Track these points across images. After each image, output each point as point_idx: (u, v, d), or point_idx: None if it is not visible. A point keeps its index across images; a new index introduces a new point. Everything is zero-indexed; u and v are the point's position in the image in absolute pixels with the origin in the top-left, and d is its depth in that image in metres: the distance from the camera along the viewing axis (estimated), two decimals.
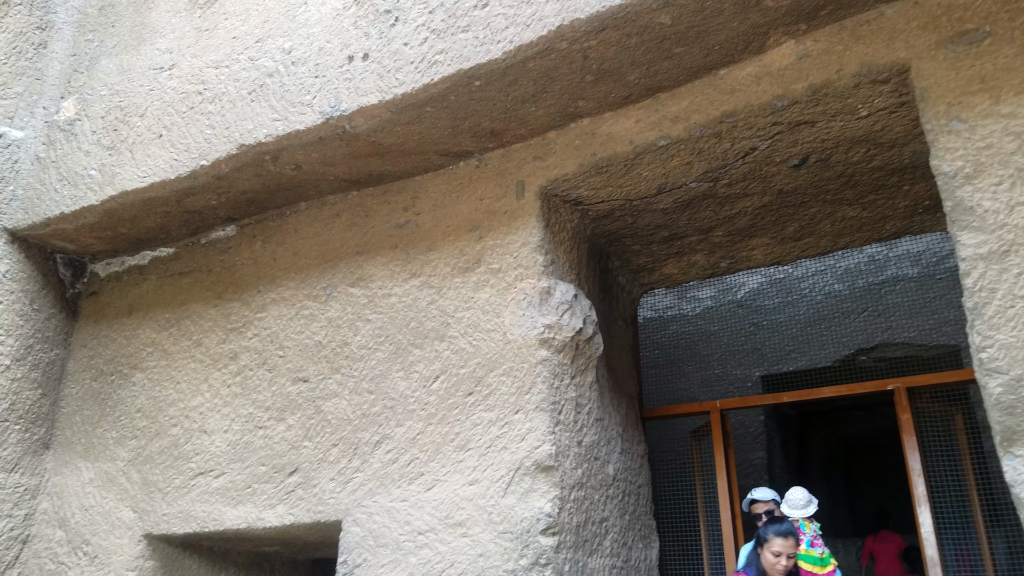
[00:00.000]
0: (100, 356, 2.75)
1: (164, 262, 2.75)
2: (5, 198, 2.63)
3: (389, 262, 2.34)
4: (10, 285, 2.63)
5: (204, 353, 2.55)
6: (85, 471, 2.65)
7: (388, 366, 2.24)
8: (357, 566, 2.09)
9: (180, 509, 2.42)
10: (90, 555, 2.53)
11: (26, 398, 2.67)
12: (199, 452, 2.45)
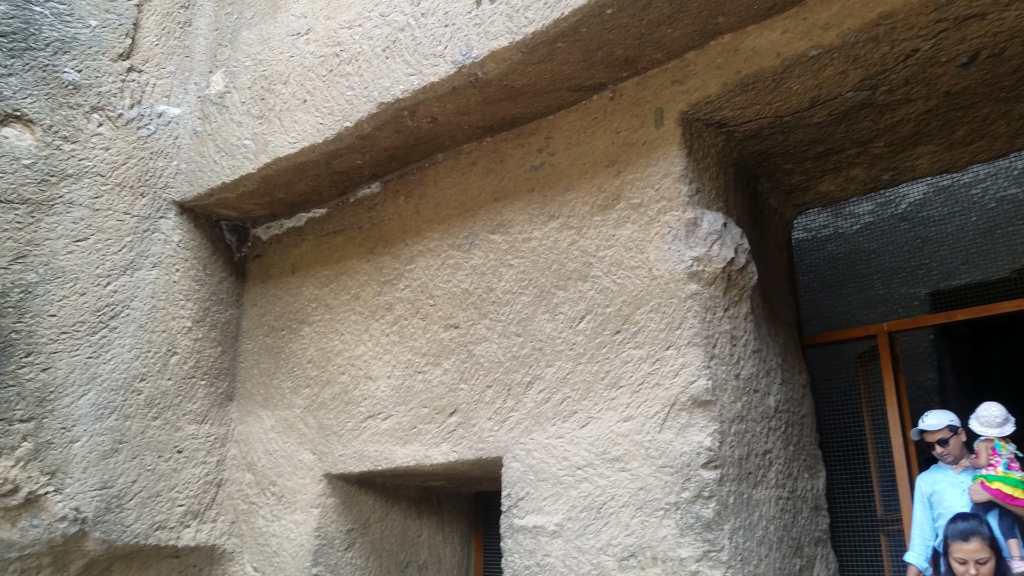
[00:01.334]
0: (270, 313, 3.04)
1: (318, 222, 2.96)
2: (171, 172, 2.93)
3: (527, 206, 2.39)
4: (184, 253, 2.94)
5: (363, 306, 2.75)
6: (266, 419, 2.96)
7: (533, 309, 2.31)
8: (520, 499, 2.23)
9: (354, 450, 2.66)
10: (277, 495, 2.85)
11: (208, 356, 3.00)
12: (367, 397, 2.67)
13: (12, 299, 2.53)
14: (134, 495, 2.73)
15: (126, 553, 2.81)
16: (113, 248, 2.75)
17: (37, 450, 2.56)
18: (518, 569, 2.17)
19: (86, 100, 2.75)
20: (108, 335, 2.72)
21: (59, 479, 2.59)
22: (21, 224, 2.56)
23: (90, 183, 2.72)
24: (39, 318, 2.58)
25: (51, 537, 2.61)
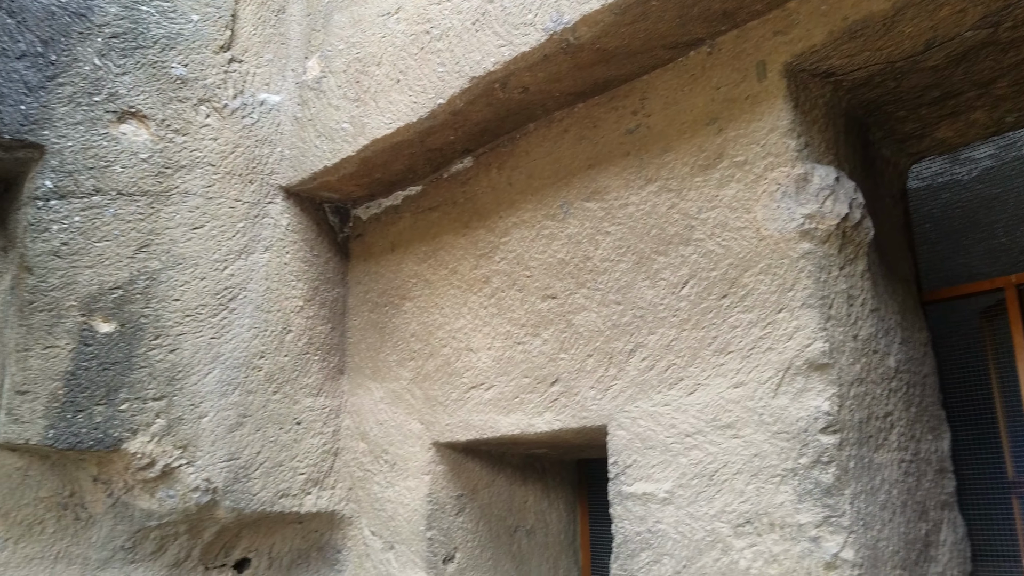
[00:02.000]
0: (373, 290, 3.12)
1: (414, 200, 3.00)
2: (276, 159, 3.03)
3: (622, 171, 2.33)
4: (292, 236, 3.05)
5: (460, 279, 2.77)
6: (375, 391, 3.05)
7: (633, 276, 2.27)
8: (628, 466, 2.21)
9: (459, 419, 2.71)
10: (390, 462, 2.95)
11: (319, 332, 3.11)
12: (468, 368, 2.70)
13: (139, 286, 2.69)
14: (259, 465, 2.88)
15: (254, 520, 2.98)
16: (227, 234, 2.87)
17: (169, 426, 2.73)
18: (629, 535, 2.16)
19: (193, 93, 2.86)
20: (228, 316, 2.86)
21: (191, 452, 2.76)
22: (143, 215, 2.71)
23: (202, 173, 2.84)
24: (164, 303, 2.73)
25: (186, 506, 2.79)
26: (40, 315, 2.53)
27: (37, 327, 2.53)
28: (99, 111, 2.67)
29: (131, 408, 2.66)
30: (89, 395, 2.59)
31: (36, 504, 2.77)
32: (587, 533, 3.36)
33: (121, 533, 2.88)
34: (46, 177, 2.56)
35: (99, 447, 2.61)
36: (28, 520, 2.75)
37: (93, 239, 2.61)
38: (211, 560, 3.07)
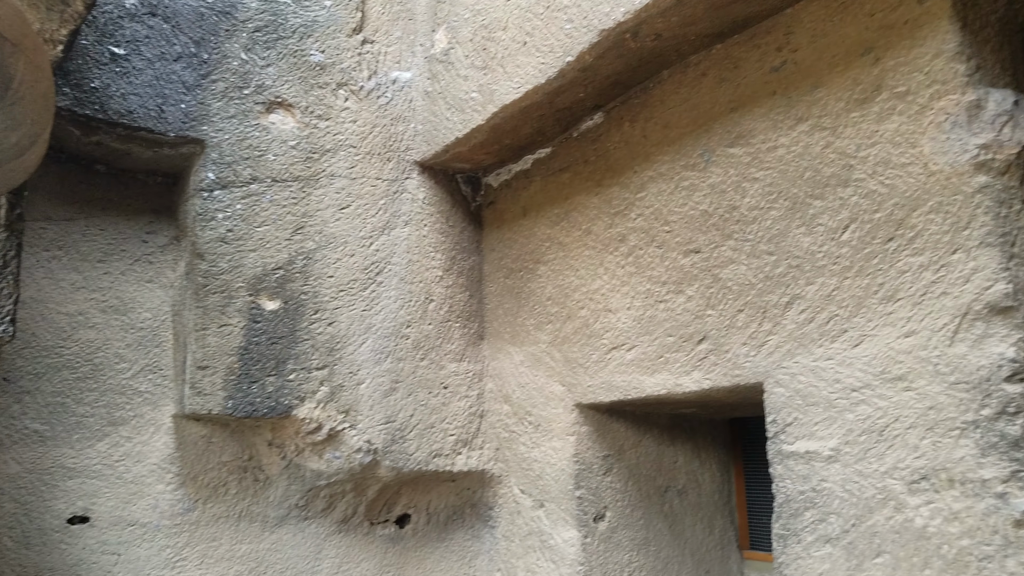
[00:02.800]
0: (507, 256, 3.14)
1: (544, 162, 2.97)
2: (410, 135, 3.10)
3: (769, 112, 2.18)
4: (429, 209, 3.12)
5: (595, 240, 2.73)
6: (515, 355, 3.09)
7: (786, 223, 2.13)
8: (788, 424, 2.10)
9: (602, 381, 2.69)
10: (534, 424, 2.98)
11: (459, 300, 3.18)
12: (608, 329, 2.67)
13: (298, 266, 2.85)
14: (413, 427, 3.00)
15: (411, 478, 3.13)
16: (371, 211, 2.98)
17: (332, 393, 2.90)
18: (791, 494, 2.07)
19: (332, 78, 2.96)
20: (376, 289, 2.97)
21: (352, 416, 2.92)
22: (296, 199, 2.86)
23: (345, 155, 2.95)
24: (320, 280, 2.88)
25: (351, 466, 2.97)
26: (213, 297, 2.74)
27: (211, 308, 2.74)
28: (249, 103, 2.83)
29: (298, 378, 2.84)
30: (261, 367, 2.79)
31: (220, 468, 3.03)
32: (743, 492, 3.27)
33: (295, 492, 3.11)
34: (208, 169, 2.74)
35: (272, 414, 2.81)
36: (214, 483, 3.02)
37: (254, 224, 2.78)
38: (375, 516, 3.26)
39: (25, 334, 2.75)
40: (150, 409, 2.96)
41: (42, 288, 2.82)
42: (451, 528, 3.36)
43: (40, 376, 2.83)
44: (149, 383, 2.96)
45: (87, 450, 2.89)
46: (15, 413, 2.79)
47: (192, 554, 2.98)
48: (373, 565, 3.20)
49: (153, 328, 2.98)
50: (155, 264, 3.00)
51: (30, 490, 2.81)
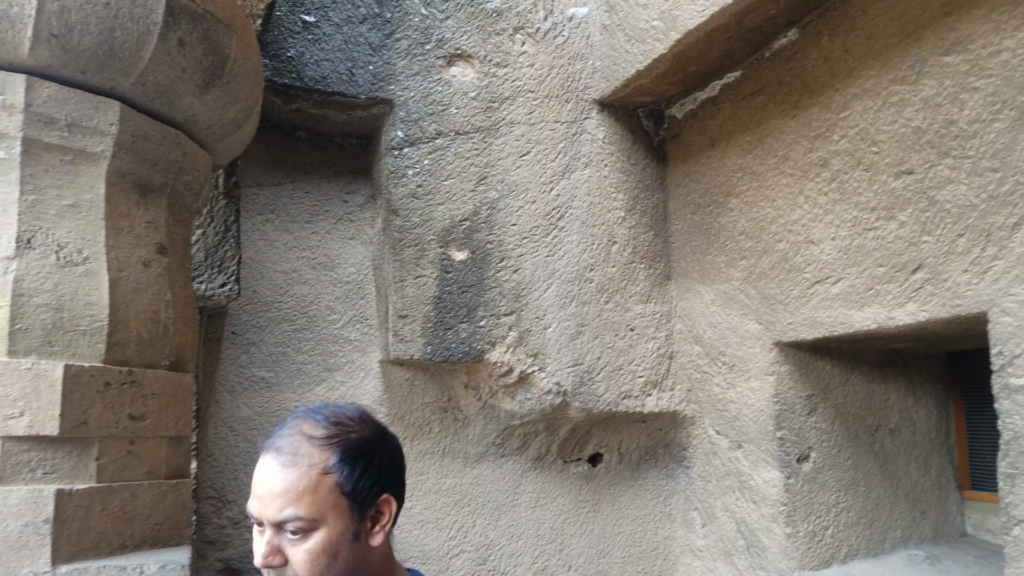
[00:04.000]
0: (694, 191, 3.13)
1: (733, 87, 2.91)
2: (588, 73, 3.15)
3: (989, 12, 2.00)
4: (609, 148, 3.17)
5: (792, 167, 2.66)
6: (705, 294, 3.10)
7: (1012, 136, 1.97)
8: (1016, 356, 1.99)
9: (803, 317, 2.65)
10: (728, 364, 3.00)
11: (643, 240, 3.24)
12: (810, 262, 2.62)
13: (482, 216, 3.04)
14: (600, 370, 3.14)
15: (601, 419, 3.28)
16: (550, 156, 3.09)
17: (520, 337, 3.09)
18: (1020, 431, 1.97)
19: (508, 23, 3.07)
20: (558, 235, 3.10)
21: (540, 360, 3.11)
22: (478, 150, 3.03)
23: (523, 101, 3.07)
24: (504, 228, 3.05)
25: (542, 407, 3.17)
26: (408, 250, 3.00)
27: (407, 261, 3.01)
28: (431, 59, 3.01)
29: (488, 324, 3.06)
30: (454, 315, 3.04)
31: (423, 408, 3.36)
32: (963, 430, 3.11)
33: (491, 431, 3.38)
34: (397, 128, 2.97)
35: (466, 359, 3.06)
36: (419, 422, 3.36)
37: (440, 178, 2.99)
38: (568, 454, 3.47)
39: (248, 292, 3.18)
40: (359, 356, 3.33)
41: (259, 249, 3.24)
42: (644, 467, 3.50)
43: (263, 329, 3.27)
44: (357, 332, 3.33)
45: (307, 394, 3.32)
46: (244, 363, 3.26)
47: None
48: (568, 500, 3.43)
49: (357, 281, 3.32)
50: (355, 222, 3.32)
51: (260, 431, 3.29)
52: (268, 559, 0.99)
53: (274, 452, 1.00)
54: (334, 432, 1.03)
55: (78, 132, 1.74)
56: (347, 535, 1.01)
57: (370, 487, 1.03)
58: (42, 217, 1.71)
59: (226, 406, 3.22)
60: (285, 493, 0.97)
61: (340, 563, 1.01)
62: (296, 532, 0.98)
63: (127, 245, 1.84)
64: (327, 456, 1.00)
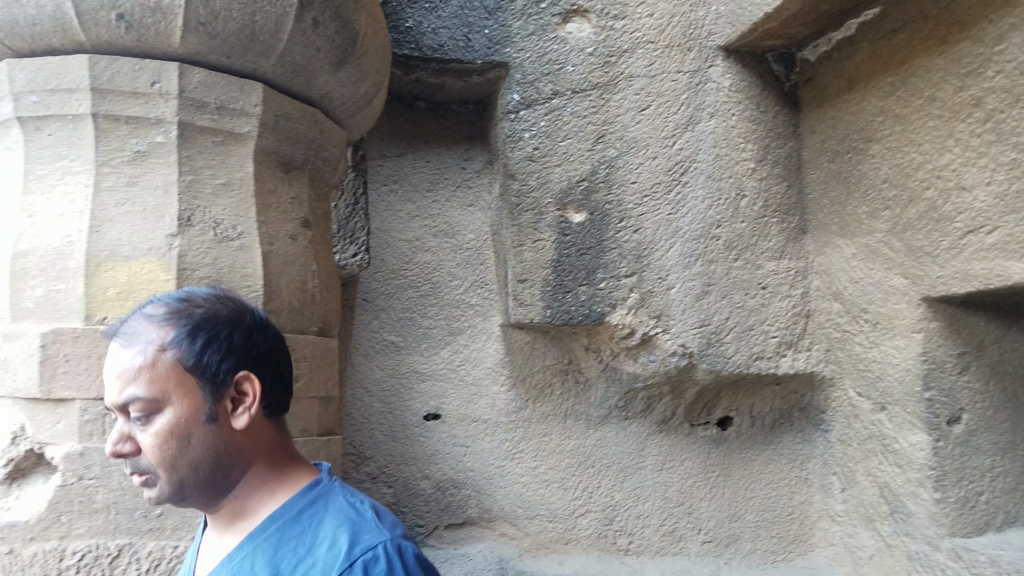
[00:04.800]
0: (830, 138, 3.02)
1: (872, 25, 2.77)
2: (711, 19, 3.07)
3: None
4: (736, 96, 3.10)
5: (940, 108, 2.51)
6: (844, 248, 3.00)
7: None
8: None
9: (955, 270, 2.53)
10: (871, 322, 2.91)
11: (775, 193, 3.16)
12: (961, 211, 2.48)
13: (600, 175, 3.05)
14: (729, 331, 3.12)
15: (731, 381, 3.27)
16: (672, 109, 3.06)
17: (642, 299, 3.11)
18: None
19: None
20: (681, 191, 3.08)
21: (664, 321, 3.12)
22: (595, 108, 3.04)
23: (643, 53, 3.04)
24: (623, 187, 3.06)
25: (666, 370, 3.19)
26: (526, 214, 3.07)
27: (525, 224, 3.08)
28: (546, 16, 3.03)
29: (608, 286, 3.09)
30: (573, 278, 3.09)
31: (544, 371, 3.46)
32: None
33: (614, 394, 3.44)
34: (513, 91, 3.02)
35: (586, 321, 3.12)
36: (540, 384, 3.46)
37: (557, 139, 3.03)
38: (695, 418, 3.48)
39: (376, 260, 3.36)
40: (481, 320, 3.45)
41: (385, 219, 3.40)
42: (778, 431, 3.46)
43: (391, 296, 3.45)
44: (478, 297, 3.45)
45: (433, 357, 3.49)
46: (375, 328, 3.46)
47: (528, 447, 3.48)
48: (696, 464, 3.45)
49: (477, 247, 3.44)
50: (474, 188, 3.43)
51: (392, 392, 3.49)
52: (117, 446, 0.95)
53: (114, 337, 0.98)
54: (176, 308, 0.99)
55: (226, 114, 1.89)
56: (199, 416, 0.96)
57: (219, 363, 0.98)
58: (199, 196, 1.88)
59: (360, 369, 3.43)
60: (123, 374, 0.94)
61: (195, 447, 0.95)
62: (140, 416, 0.94)
63: (275, 220, 2.00)
64: (165, 332, 0.96)
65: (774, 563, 3.45)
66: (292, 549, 0.91)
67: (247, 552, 0.94)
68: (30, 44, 1.85)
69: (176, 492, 0.95)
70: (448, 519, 3.47)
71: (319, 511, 0.96)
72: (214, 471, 0.97)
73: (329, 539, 0.90)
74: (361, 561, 0.86)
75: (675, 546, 3.44)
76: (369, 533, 0.90)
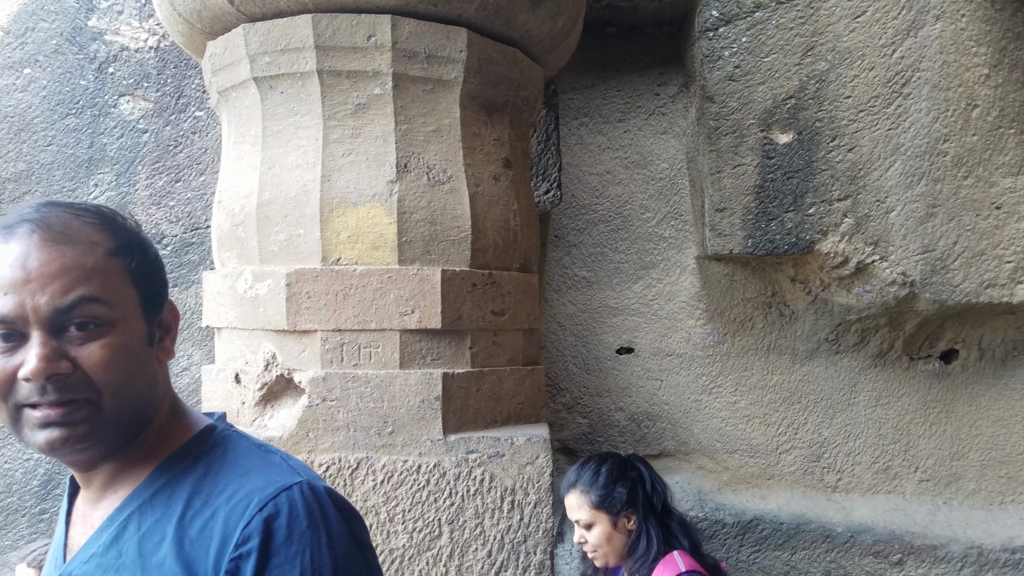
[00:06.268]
0: None
1: None
2: None
3: None
4: None
5: None
6: None
7: None
8: None
9: None
10: None
11: (1012, 101, 2.87)
12: None
13: (810, 91, 2.93)
14: (957, 256, 2.92)
15: (957, 311, 3.08)
16: (891, 13, 2.85)
17: (857, 224, 2.98)
18: None
19: None
20: (902, 103, 2.88)
21: (881, 248, 2.97)
22: (803, 18, 2.89)
23: None
24: (836, 102, 2.92)
25: (883, 300, 3.06)
26: (725, 138, 3.02)
27: (724, 150, 3.03)
28: None
29: (818, 211, 2.99)
30: (778, 204, 3.02)
31: (744, 304, 3.43)
32: None
33: (823, 327, 3.35)
34: (711, 7, 2.95)
35: (793, 250, 3.04)
36: (740, 318, 3.44)
37: (760, 55, 2.93)
38: (915, 351, 3.32)
39: (567, 196, 3.47)
40: (675, 252, 3.48)
41: (575, 153, 3.49)
42: (1010, 364, 3.23)
43: (582, 231, 3.56)
44: (672, 229, 3.47)
45: (625, 291, 3.57)
46: (566, 264, 3.59)
47: (726, 382, 3.50)
48: (915, 400, 3.31)
49: (670, 177, 3.44)
50: (667, 115, 3.41)
51: (584, 326, 3.63)
52: (52, 365, 0.74)
53: (31, 227, 0.77)
54: (105, 214, 0.85)
55: (435, 62, 2.05)
56: (143, 336, 0.83)
57: (158, 282, 0.88)
58: (413, 143, 2.07)
59: (553, 304, 3.60)
60: (68, 271, 0.76)
61: (139, 373, 0.82)
62: (88, 324, 0.77)
63: (480, 162, 2.15)
64: (106, 238, 0.82)
65: (1001, 504, 3.27)
66: (185, 502, 0.78)
67: (132, 511, 0.80)
68: (261, 8, 2.09)
69: (111, 423, 0.79)
70: (644, 450, 3.60)
71: (216, 459, 0.83)
72: (144, 406, 0.84)
73: (231, 487, 0.78)
74: (273, 503, 0.75)
75: (888, 484, 3.35)
76: (280, 475, 0.79)
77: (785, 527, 3.18)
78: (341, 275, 2.04)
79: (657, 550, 1.53)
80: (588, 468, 1.59)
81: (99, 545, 0.78)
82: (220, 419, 0.90)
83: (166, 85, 3.53)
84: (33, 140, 3.56)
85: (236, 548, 0.72)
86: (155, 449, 0.84)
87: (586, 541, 1.57)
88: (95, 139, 3.57)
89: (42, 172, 3.55)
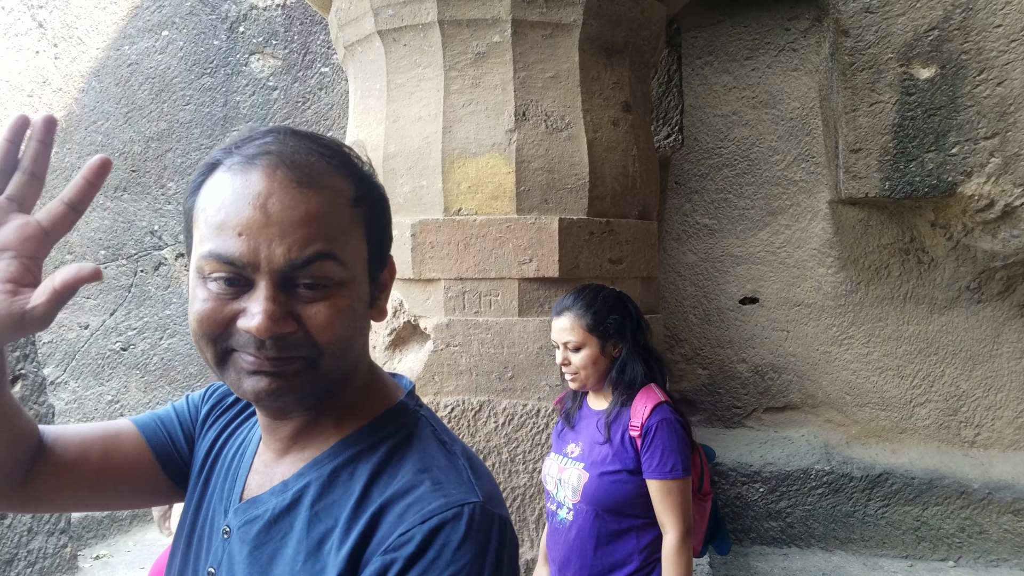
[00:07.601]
0: None
1: None
2: None
3: None
4: None
5: None
6: None
7: None
8: None
9: None
10: None
11: None
12: None
13: (955, 21, 2.76)
14: None
15: None
16: None
17: (1005, 164, 2.81)
18: None
19: None
20: None
21: None
22: None
23: None
24: (984, 33, 2.74)
25: None
26: (861, 74, 2.90)
27: (860, 86, 2.91)
28: None
29: (962, 151, 2.84)
30: (918, 144, 2.88)
31: (879, 250, 3.31)
32: None
33: (964, 275, 3.20)
34: None
35: (934, 193, 2.91)
36: (874, 265, 3.33)
37: None
38: None
39: (689, 140, 3.43)
40: (805, 197, 3.39)
41: (699, 95, 3.43)
42: None
43: (704, 176, 3.52)
44: (802, 172, 3.37)
45: (750, 239, 3.52)
46: (687, 211, 3.57)
47: (858, 332, 3.41)
48: None
49: (801, 117, 3.33)
50: (798, 51, 3.29)
51: (706, 276, 3.61)
52: (279, 324, 0.68)
53: (274, 160, 0.69)
54: (347, 156, 0.75)
55: (554, 5, 2.08)
56: (366, 299, 0.75)
57: (387, 240, 0.79)
58: (532, 91, 2.12)
59: (673, 252, 3.60)
60: (310, 222, 0.68)
61: (360, 335, 0.76)
62: (319, 284, 0.69)
63: (599, 107, 2.18)
64: (348, 184, 0.72)
65: None
66: (362, 490, 0.76)
67: (310, 480, 0.78)
68: None
69: (323, 382, 0.74)
70: (767, 403, 3.57)
71: (400, 445, 0.79)
72: (356, 367, 0.79)
73: (405, 484, 0.74)
74: (439, 518, 0.70)
75: None
76: (456, 488, 0.74)
77: (917, 482, 3.11)
78: (462, 225, 2.14)
79: (640, 380, 1.72)
80: (584, 295, 1.74)
81: (272, 507, 0.78)
82: (410, 394, 0.85)
83: (293, 42, 3.72)
84: (172, 100, 3.85)
85: (387, 552, 0.70)
86: (347, 411, 0.80)
87: (570, 363, 1.72)
88: (229, 97, 3.82)
89: (182, 131, 3.84)
